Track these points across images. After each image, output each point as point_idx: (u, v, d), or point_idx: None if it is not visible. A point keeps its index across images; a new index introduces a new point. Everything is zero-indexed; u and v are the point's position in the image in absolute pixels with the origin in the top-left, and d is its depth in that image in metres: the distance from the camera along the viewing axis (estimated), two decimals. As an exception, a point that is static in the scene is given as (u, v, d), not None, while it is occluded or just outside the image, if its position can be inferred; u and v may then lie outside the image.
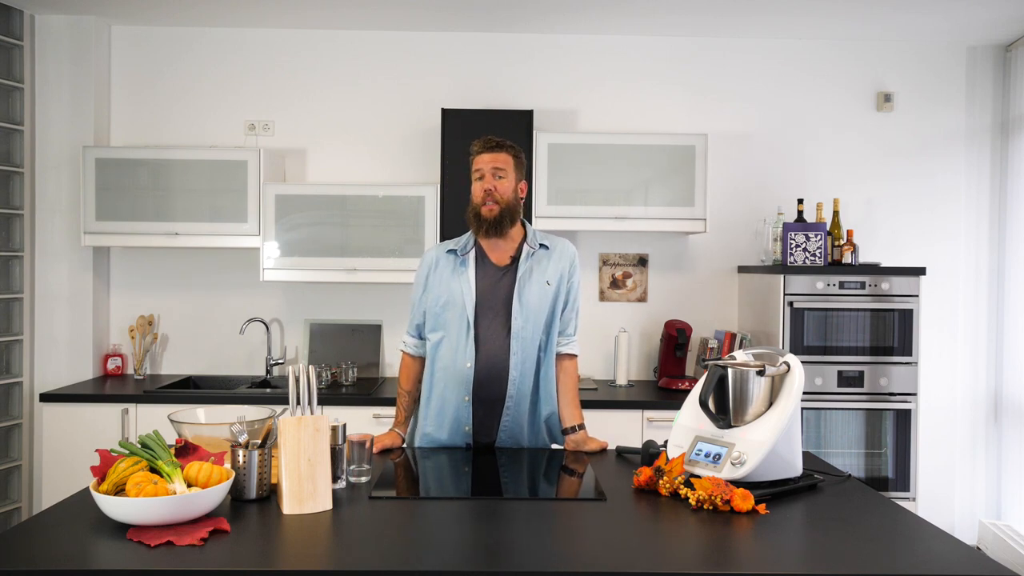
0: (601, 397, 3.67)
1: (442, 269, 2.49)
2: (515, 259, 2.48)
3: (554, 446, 2.54)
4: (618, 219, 3.81)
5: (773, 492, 1.92)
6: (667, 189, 3.82)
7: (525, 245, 2.49)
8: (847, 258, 3.79)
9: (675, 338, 3.90)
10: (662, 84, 4.18)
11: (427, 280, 2.51)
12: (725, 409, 2.01)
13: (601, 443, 2.48)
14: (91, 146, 3.84)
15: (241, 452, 1.84)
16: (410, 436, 2.58)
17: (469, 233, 2.54)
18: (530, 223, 3.76)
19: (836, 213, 3.92)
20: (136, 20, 4.04)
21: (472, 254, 2.49)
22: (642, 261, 4.19)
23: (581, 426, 2.51)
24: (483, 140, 2.47)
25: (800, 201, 3.91)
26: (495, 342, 2.42)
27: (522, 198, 2.52)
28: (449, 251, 2.51)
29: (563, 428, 2.52)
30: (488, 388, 2.43)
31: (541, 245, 2.51)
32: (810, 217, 3.98)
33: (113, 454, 1.79)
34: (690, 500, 1.85)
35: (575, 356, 2.57)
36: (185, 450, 1.91)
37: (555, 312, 2.49)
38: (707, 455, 1.97)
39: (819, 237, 3.75)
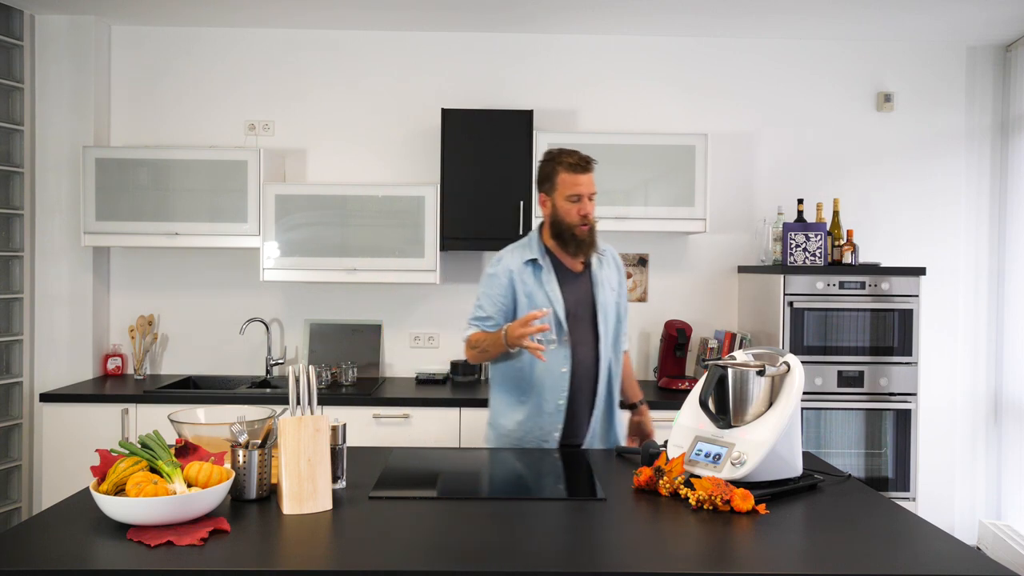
0: (601, 397, 3.67)
1: (525, 277, 2.50)
2: (585, 264, 2.54)
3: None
4: (618, 219, 3.81)
5: (773, 492, 1.92)
6: (667, 189, 3.82)
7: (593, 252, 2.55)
8: (847, 258, 3.78)
9: (675, 338, 3.90)
10: (662, 84, 4.18)
11: (512, 286, 2.50)
12: (725, 409, 2.01)
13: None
14: (91, 146, 3.84)
15: (241, 452, 1.84)
16: (494, 438, 2.60)
17: (530, 239, 2.56)
18: (532, 225, 3.81)
19: (836, 213, 3.92)
20: (136, 20, 4.04)
21: (549, 260, 2.52)
22: (642, 261, 4.19)
23: (643, 401, 2.70)
24: (578, 159, 2.44)
25: (800, 201, 3.91)
26: (584, 346, 2.50)
27: None
28: (527, 261, 2.52)
29: (631, 403, 2.67)
30: (580, 391, 2.49)
31: (604, 251, 2.60)
32: (810, 217, 3.97)
33: (113, 454, 1.79)
34: (690, 500, 1.85)
35: (627, 350, 2.72)
36: (185, 450, 1.91)
37: (622, 315, 2.62)
38: (707, 455, 1.97)
39: (819, 237, 3.75)
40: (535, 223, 3.81)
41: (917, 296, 3.67)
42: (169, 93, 4.14)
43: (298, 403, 1.88)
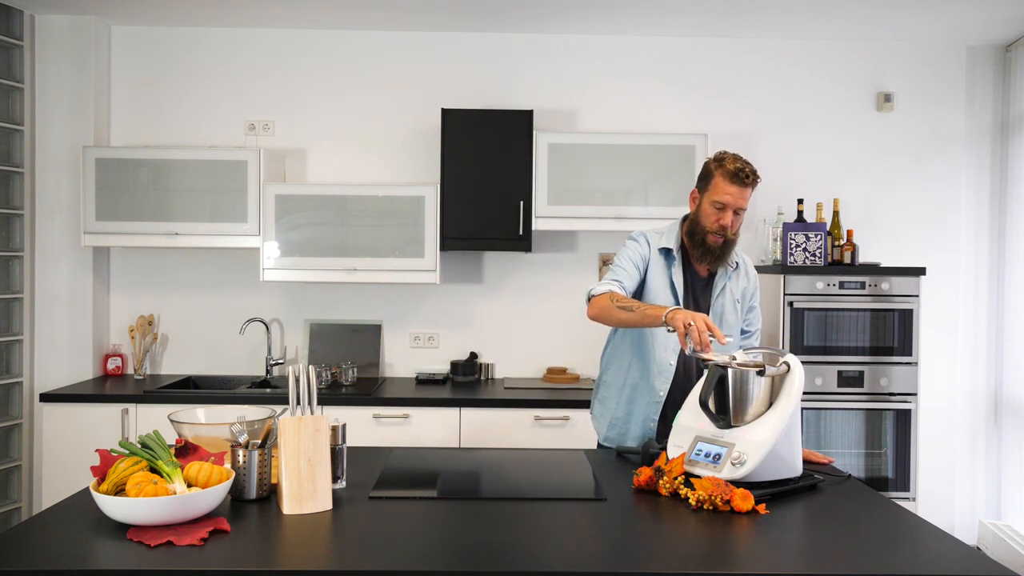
0: (601, 397, 3.67)
1: (656, 261, 2.50)
2: (712, 272, 2.51)
3: None
4: (618, 219, 3.81)
5: (773, 492, 1.92)
6: (667, 189, 3.81)
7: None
8: (847, 258, 3.79)
9: (675, 338, 3.89)
10: (662, 84, 4.18)
11: (647, 260, 2.49)
12: (725, 409, 2.01)
13: None
14: (91, 146, 3.84)
15: (241, 452, 1.84)
16: (600, 411, 2.60)
17: (671, 228, 2.53)
18: (532, 225, 3.81)
19: (836, 213, 3.92)
20: (136, 20, 4.04)
21: (681, 255, 2.50)
22: (642, 261, 4.19)
23: None
24: (738, 169, 2.37)
25: (800, 201, 3.91)
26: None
27: None
28: (662, 249, 2.50)
29: None
30: (682, 391, 2.44)
31: (736, 264, 2.54)
32: (810, 217, 3.97)
33: (113, 454, 1.79)
34: (690, 500, 1.85)
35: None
36: (185, 450, 1.91)
37: (740, 326, 2.55)
38: (707, 455, 1.97)
39: (819, 237, 3.75)
40: (535, 223, 3.81)
41: (917, 296, 3.67)
42: (169, 93, 4.14)
43: (298, 403, 1.88)
